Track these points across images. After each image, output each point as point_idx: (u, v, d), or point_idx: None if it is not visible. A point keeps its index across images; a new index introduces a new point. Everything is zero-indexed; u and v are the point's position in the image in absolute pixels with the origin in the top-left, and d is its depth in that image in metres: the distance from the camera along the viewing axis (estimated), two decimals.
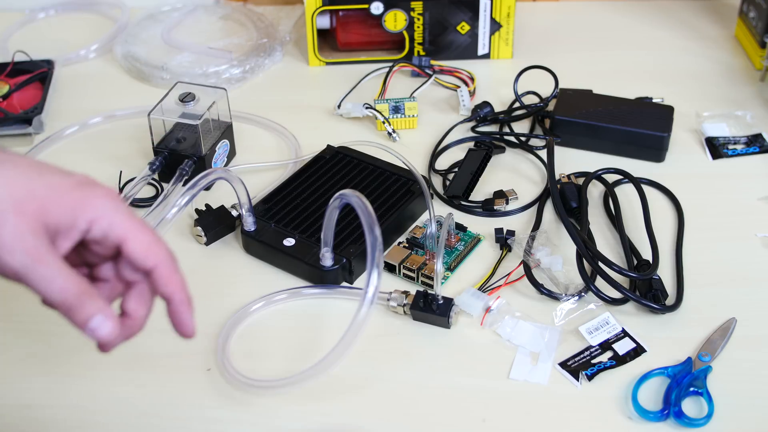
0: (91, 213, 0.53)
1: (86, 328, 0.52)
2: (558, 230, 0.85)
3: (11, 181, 0.52)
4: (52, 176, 0.54)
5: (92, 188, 0.54)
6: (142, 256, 0.54)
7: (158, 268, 0.55)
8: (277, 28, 1.18)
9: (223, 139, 0.93)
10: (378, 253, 0.65)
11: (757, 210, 0.87)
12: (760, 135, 0.97)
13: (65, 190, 0.53)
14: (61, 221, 0.53)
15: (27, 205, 0.52)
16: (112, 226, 0.54)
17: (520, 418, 0.68)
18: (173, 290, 0.56)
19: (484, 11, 1.08)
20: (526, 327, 0.74)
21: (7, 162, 0.53)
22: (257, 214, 0.83)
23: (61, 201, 0.53)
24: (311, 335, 0.76)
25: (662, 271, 0.80)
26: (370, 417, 0.69)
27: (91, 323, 0.52)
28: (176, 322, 0.57)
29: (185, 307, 0.56)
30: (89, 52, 1.15)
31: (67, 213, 0.53)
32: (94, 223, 0.53)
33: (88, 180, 0.55)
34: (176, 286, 0.56)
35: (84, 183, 0.55)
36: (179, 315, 0.56)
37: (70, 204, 0.53)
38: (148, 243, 0.55)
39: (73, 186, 0.54)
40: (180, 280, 0.56)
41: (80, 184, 0.54)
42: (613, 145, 0.94)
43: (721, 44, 1.14)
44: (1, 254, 0.50)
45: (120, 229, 0.54)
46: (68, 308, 0.52)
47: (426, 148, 0.97)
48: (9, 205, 0.51)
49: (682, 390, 0.68)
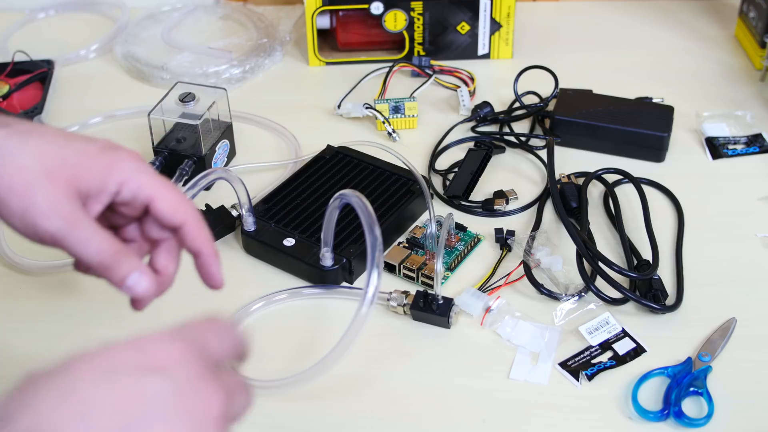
0: (119, 176, 0.55)
1: (124, 285, 0.54)
2: (558, 230, 0.85)
3: (41, 150, 0.54)
4: (78, 143, 0.56)
5: (118, 152, 0.57)
6: (171, 214, 0.57)
7: (186, 224, 0.57)
8: (277, 28, 1.18)
9: (223, 139, 0.93)
10: (378, 253, 0.65)
11: (757, 210, 0.87)
12: (760, 135, 0.97)
13: (93, 155, 0.55)
14: (91, 185, 0.55)
15: (58, 172, 0.54)
16: (140, 187, 0.56)
17: (520, 418, 0.68)
18: (201, 244, 0.58)
19: (484, 11, 1.08)
20: (526, 327, 0.74)
21: (34, 132, 0.55)
22: (257, 214, 0.83)
23: (90, 166, 0.55)
24: (311, 335, 0.76)
25: (662, 271, 0.80)
26: (370, 417, 0.69)
27: (129, 280, 0.54)
28: (205, 274, 0.59)
29: (213, 260, 0.59)
30: (89, 52, 1.15)
31: (97, 177, 0.55)
32: (124, 185, 0.56)
33: (113, 144, 0.57)
34: (204, 240, 0.58)
35: (109, 147, 0.57)
36: (208, 267, 0.59)
37: (99, 168, 0.55)
38: (176, 201, 0.57)
39: (99, 151, 0.56)
40: (207, 235, 0.58)
41: (106, 149, 0.56)
42: (613, 145, 0.94)
43: (721, 44, 1.14)
44: (38, 220, 0.52)
45: (148, 189, 0.56)
46: (105, 267, 0.54)
47: (426, 148, 0.97)
48: (41, 172, 0.53)
49: (682, 390, 0.68)
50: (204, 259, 0.59)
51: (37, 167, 0.53)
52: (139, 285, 0.55)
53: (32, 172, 0.53)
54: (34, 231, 0.53)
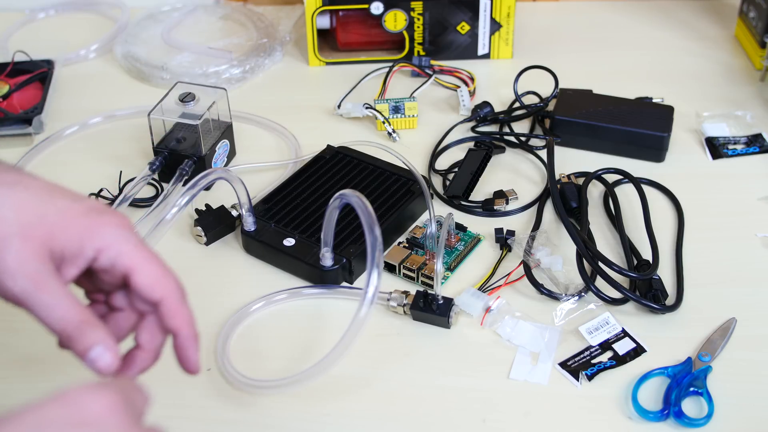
0: (99, 241, 0.52)
1: (86, 358, 0.50)
2: (558, 230, 0.85)
3: (21, 204, 0.51)
4: (63, 200, 0.53)
5: (102, 215, 0.53)
6: (149, 288, 0.53)
7: (165, 301, 0.54)
8: (277, 28, 1.18)
9: (223, 139, 0.93)
10: (378, 253, 0.65)
11: (757, 210, 0.87)
12: (760, 135, 0.97)
13: (74, 216, 0.52)
14: (67, 248, 0.52)
15: (34, 230, 0.51)
16: (119, 256, 0.53)
17: (520, 418, 0.68)
18: (180, 324, 0.54)
19: (484, 11, 1.08)
20: (526, 327, 0.74)
21: (19, 184, 0.52)
22: (257, 214, 0.83)
23: (69, 227, 0.52)
24: (311, 335, 0.76)
25: (662, 271, 0.80)
26: (369, 417, 0.69)
27: (91, 354, 0.50)
28: (181, 357, 0.55)
29: (191, 343, 0.55)
30: (89, 52, 1.15)
31: (74, 240, 0.52)
32: (102, 252, 0.52)
33: (100, 207, 0.54)
34: (183, 321, 0.55)
35: (95, 209, 0.53)
36: (185, 350, 0.55)
37: (78, 231, 0.52)
38: (155, 275, 0.54)
39: (83, 212, 0.53)
40: (187, 314, 0.55)
41: (91, 211, 0.53)
42: (613, 145, 0.94)
43: (721, 44, 1.14)
44: (3, 279, 0.50)
45: (127, 260, 0.53)
46: (68, 337, 0.50)
47: (426, 148, 0.97)
48: (16, 228, 0.50)
49: (682, 390, 0.68)
50: (181, 341, 0.55)
51: (13, 222, 0.50)
52: (102, 359, 0.50)
53: (7, 227, 0.50)
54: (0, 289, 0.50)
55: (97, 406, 0.42)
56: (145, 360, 0.55)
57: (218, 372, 0.72)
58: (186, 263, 0.83)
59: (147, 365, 0.55)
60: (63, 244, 0.51)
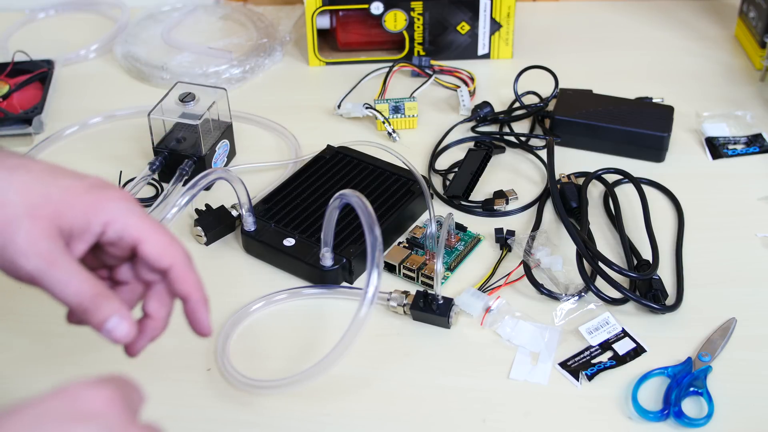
0: (105, 216, 0.54)
1: (103, 329, 0.52)
2: (558, 230, 0.85)
3: (25, 186, 0.53)
4: (65, 180, 0.54)
5: (106, 190, 0.55)
6: (158, 257, 0.55)
7: (174, 268, 0.55)
8: (277, 28, 1.18)
9: (223, 139, 0.93)
10: (378, 253, 0.65)
11: (757, 210, 0.87)
12: (760, 135, 0.97)
13: (79, 193, 0.54)
14: (75, 224, 0.53)
15: (41, 210, 0.52)
16: (126, 228, 0.54)
17: (520, 418, 0.68)
18: (189, 289, 0.56)
19: (484, 11, 1.08)
20: (526, 327, 0.74)
21: (21, 167, 0.54)
22: (257, 214, 0.83)
23: (75, 204, 0.53)
24: (311, 335, 0.76)
25: (662, 271, 0.80)
26: (370, 417, 0.69)
27: (108, 324, 0.52)
28: (192, 320, 0.57)
29: (201, 306, 0.57)
30: (89, 52, 1.15)
31: (81, 216, 0.53)
32: (109, 226, 0.54)
33: (102, 182, 0.55)
34: (192, 286, 0.56)
35: (97, 185, 0.55)
36: (196, 314, 0.57)
37: (84, 207, 0.53)
38: (163, 243, 0.55)
39: (86, 189, 0.54)
40: (196, 280, 0.57)
41: (93, 187, 0.54)
42: (613, 145, 0.94)
43: (721, 44, 1.14)
44: (16, 258, 0.51)
45: (134, 231, 0.54)
46: (84, 310, 0.52)
47: (426, 148, 0.97)
48: (23, 210, 0.52)
49: (682, 390, 0.68)
50: (192, 305, 0.56)
51: (19, 204, 0.52)
52: (118, 330, 0.52)
53: (14, 209, 0.51)
54: (14, 269, 0.52)
55: (97, 400, 0.43)
56: (155, 329, 0.57)
57: (218, 372, 0.72)
58: None
59: (157, 334, 0.57)
60: (70, 221, 0.53)
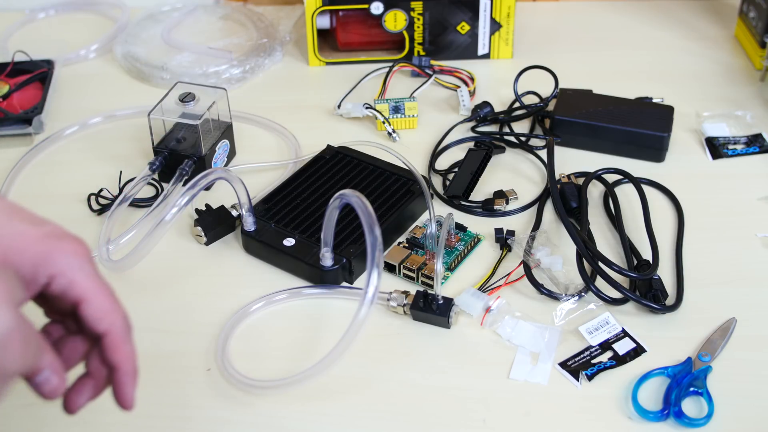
0: (52, 268, 0.52)
1: (33, 380, 0.51)
2: (558, 230, 0.85)
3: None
4: (21, 224, 0.53)
5: (60, 242, 0.53)
6: (95, 320, 0.53)
7: (109, 334, 0.54)
8: (277, 28, 1.18)
9: (223, 139, 0.93)
10: (378, 253, 0.65)
11: (757, 210, 0.87)
12: (760, 135, 0.97)
13: (31, 242, 0.52)
14: (21, 272, 0.51)
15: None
16: (71, 285, 0.53)
17: (520, 418, 0.68)
18: (120, 360, 0.54)
19: (484, 11, 1.08)
20: (526, 327, 0.74)
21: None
22: (257, 214, 0.83)
23: (24, 252, 0.52)
24: (311, 335, 0.76)
25: (662, 271, 0.80)
26: (370, 417, 0.69)
27: (38, 377, 0.50)
28: (117, 392, 0.55)
29: (129, 379, 0.55)
30: (89, 52, 1.15)
31: (29, 264, 0.52)
32: (54, 279, 0.52)
33: (59, 232, 0.54)
34: (124, 356, 0.55)
35: (53, 235, 0.53)
36: (122, 386, 0.55)
37: (32, 256, 0.52)
38: (104, 307, 0.54)
39: (40, 238, 0.53)
40: (129, 351, 0.55)
41: (48, 237, 0.53)
42: (613, 145, 0.94)
43: (721, 44, 1.14)
44: None
45: (79, 289, 0.53)
46: None
47: (426, 148, 0.97)
48: None
49: (682, 390, 0.68)
50: (120, 376, 0.55)
51: None
52: (48, 384, 0.51)
53: None
54: None
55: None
56: (94, 387, 0.56)
57: (218, 372, 0.72)
58: (186, 263, 0.83)
59: (95, 393, 0.56)
60: (17, 267, 0.51)
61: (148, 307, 0.78)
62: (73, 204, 0.89)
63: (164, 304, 0.79)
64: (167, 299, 0.79)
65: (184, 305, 0.79)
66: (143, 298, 0.79)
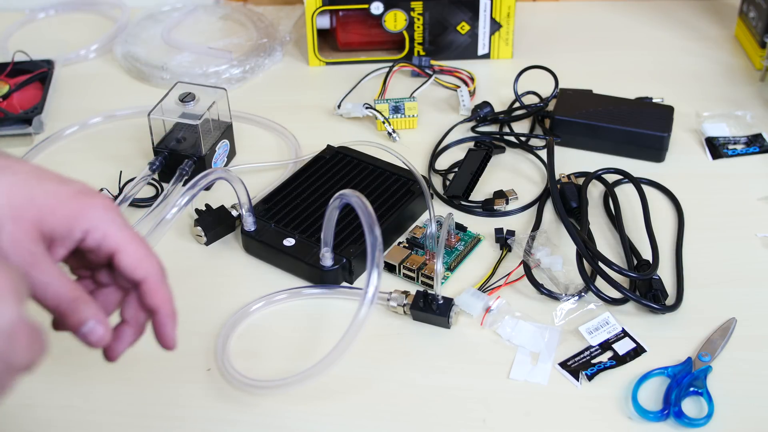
0: (86, 223, 0.54)
1: (79, 332, 0.53)
2: (558, 230, 0.85)
3: (10, 189, 0.53)
4: (50, 184, 0.55)
5: (90, 198, 0.55)
6: (132, 268, 0.56)
7: (147, 280, 0.56)
8: (277, 28, 1.18)
9: (223, 139, 0.93)
10: (378, 253, 0.65)
11: (757, 210, 0.87)
12: (760, 135, 0.97)
13: (63, 199, 0.54)
14: (56, 229, 0.54)
15: (25, 212, 0.53)
16: (105, 237, 0.55)
17: (520, 418, 0.68)
18: (159, 303, 0.57)
19: (484, 11, 1.08)
20: (526, 327, 0.74)
21: (7, 169, 0.54)
22: (257, 214, 0.83)
23: (58, 210, 0.54)
24: (311, 335, 0.76)
25: (662, 271, 0.80)
26: (370, 417, 0.69)
27: (84, 328, 0.53)
28: (159, 333, 0.58)
29: (170, 320, 0.57)
30: (89, 52, 1.15)
31: (63, 222, 0.54)
32: (89, 233, 0.54)
33: (87, 189, 0.56)
34: (163, 299, 0.57)
35: (82, 192, 0.55)
36: (163, 327, 0.57)
37: (66, 213, 0.54)
38: (139, 255, 0.56)
39: (71, 195, 0.55)
40: (167, 294, 0.57)
41: (78, 193, 0.55)
42: (613, 145, 0.94)
43: (721, 44, 1.14)
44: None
45: (113, 241, 0.55)
46: (62, 312, 0.53)
47: (426, 148, 0.97)
48: (7, 211, 0.52)
49: (682, 390, 0.68)
50: (160, 318, 0.57)
51: (3, 205, 0.52)
52: (95, 333, 0.53)
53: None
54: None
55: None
56: (132, 334, 0.58)
57: (218, 372, 0.72)
58: (186, 263, 0.83)
59: (133, 339, 0.58)
60: (52, 225, 0.53)
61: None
62: None
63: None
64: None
65: (184, 305, 0.78)
66: None
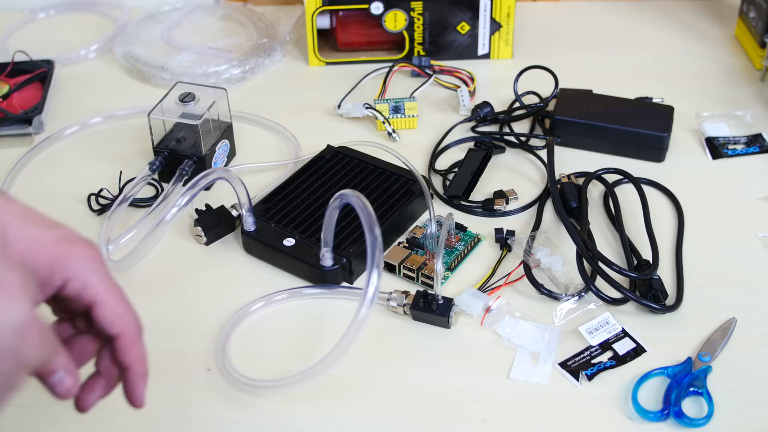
0: (67, 271, 0.53)
1: (47, 380, 0.52)
2: (558, 230, 0.85)
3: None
4: (36, 228, 0.54)
5: (74, 245, 0.54)
6: (109, 323, 0.55)
7: (122, 336, 0.55)
8: (277, 28, 1.18)
9: (223, 139, 0.93)
10: (378, 253, 0.65)
11: (757, 210, 0.87)
12: (760, 135, 0.97)
13: (46, 245, 0.53)
14: (37, 273, 0.53)
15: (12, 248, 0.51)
16: (85, 288, 0.54)
17: (520, 418, 0.68)
18: (132, 361, 0.56)
19: (484, 11, 1.08)
20: (526, 327, 0.74)
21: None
22: (257, 214, 0.83)
23: (40, 255, 0.53)
24: (311, 335, 0.76)
25: (662, 271, 0.80)
26: (370, 417, 0.69)
27: (53, 378, 0.52)
28: (128, 391, 0.57)
29: (140, 380, 0.57)
30: (89, 52, 1.15)
31: (45, 267, 0.53)
32: (69, 282, 0.54)
33: (72, 236, 0.55)
34: (136, 357, 0.56)
35: (67, 239, 0.54)
36: (133, 386, 0.57)
37: (48, 259, 0.53)
38: (117, 311, 0.55)
39: (55, 241, 0.54)
40: (141, 352, 0.56)
41: (63, 240, 0.54)
42: (613, 145, 0.94)
43: (721, 44, 1.14)
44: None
45: (92, 292, 0.54)
46: None
47: (426, 148, 0.97)
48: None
49: (682, 390, 0.68)
50: (131, 376, 0.56)
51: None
52: (63, 384, 0.52)
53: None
54: None
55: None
56: (104, 387, 0.57)
57: (218, 372, 0.72)
58: (186, 263, 0.83)
59: (105, 392, 0.57)
60: (34, 269, 0.52)
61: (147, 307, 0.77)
62: (73, 204, 0.89)
63: (164, 304, 0.79)
64: (167, 299, 0.79)
65: (185, 305, 0.79)
66: (143, 298, 0.78)
